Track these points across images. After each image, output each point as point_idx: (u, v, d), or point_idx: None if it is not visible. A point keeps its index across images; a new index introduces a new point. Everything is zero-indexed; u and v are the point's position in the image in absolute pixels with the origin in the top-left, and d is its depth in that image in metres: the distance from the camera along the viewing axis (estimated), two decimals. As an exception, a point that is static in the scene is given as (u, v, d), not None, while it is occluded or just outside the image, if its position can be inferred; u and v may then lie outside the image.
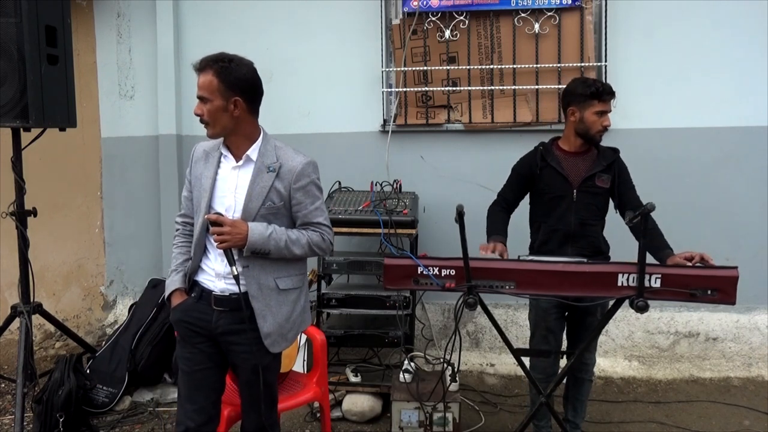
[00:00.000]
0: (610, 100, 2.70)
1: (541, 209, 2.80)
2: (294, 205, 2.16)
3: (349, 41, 4.20)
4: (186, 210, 2.28)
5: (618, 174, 2.77)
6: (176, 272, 2.25)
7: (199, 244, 2.19)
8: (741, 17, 3.89)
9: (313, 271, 3.14)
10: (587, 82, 2.72)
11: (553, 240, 2.74)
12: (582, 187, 2.71)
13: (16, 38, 2.94)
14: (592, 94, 2.66)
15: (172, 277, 2.25)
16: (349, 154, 4.20)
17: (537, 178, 2.77)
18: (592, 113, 2.68)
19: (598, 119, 2.69)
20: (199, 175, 2.20)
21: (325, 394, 2.93)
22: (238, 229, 2.05)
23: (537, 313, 2.84)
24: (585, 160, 2.76)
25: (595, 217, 2.75)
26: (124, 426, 3.39)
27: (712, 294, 2.18)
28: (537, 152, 2.81)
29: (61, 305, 4.66)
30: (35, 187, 3.53)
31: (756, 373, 3.88)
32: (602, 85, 2.70)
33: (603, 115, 2.69)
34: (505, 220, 2.86)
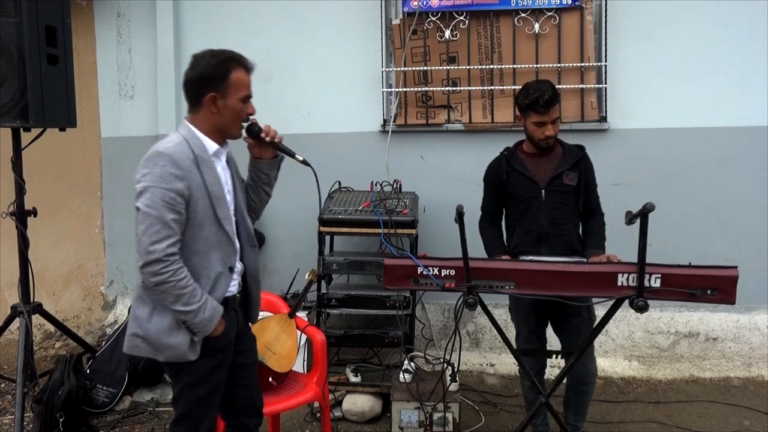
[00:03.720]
0: (547, 112, 2.63)
1: (513, 212, 2.82)
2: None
3: (349, 41, 4.20)
4: (180, 236, 1.93)
5: (584, 172, 2.77)
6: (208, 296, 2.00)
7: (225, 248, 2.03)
8: (741, 17, 3.89)
9: (313, 271, 3.13)
10: (528, 91, 2.66)
11: (527, 241, 2.75)
12: (550, 187, 2.72)
13: (16, 38, 2.94)
14: (527, 106, 2.66)
15: (212, 301, 1.98)
16: (349, 154, 4.20)
17: (505, 183, 2.79)
18: (531, 123, 2.69)
19: (537, 129, 2.68)
20: (198, 185, 1.96)
21: (325, 394, 2.93)
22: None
23: (518, 315, 2.86)
24: (550, 160, 2.76)
25: (566, 216, 2.75)
26: (124, 426, 3.39)
27: (712, 294, 2.17)
28: (502, 157, 2.84)
29: (61, 305, 4.66)
30: (35, 187, 3.53)
31: (756, 373, 3.88)
32: (540, 96, 2.60)
33: (542, 125, 2.66)
34: (497, 234, 2.89)
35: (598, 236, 2.77)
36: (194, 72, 1.99)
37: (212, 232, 1.99)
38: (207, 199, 1.96)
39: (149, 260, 1.86)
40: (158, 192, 1.87)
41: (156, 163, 1.89)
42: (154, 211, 1.86)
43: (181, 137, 1.98)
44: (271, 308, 3.01)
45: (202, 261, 1.97)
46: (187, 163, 1.93)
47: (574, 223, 2.79)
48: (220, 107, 2.00)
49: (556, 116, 2.69)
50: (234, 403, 2.22)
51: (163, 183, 1.87)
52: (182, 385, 2.04)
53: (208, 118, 2.01)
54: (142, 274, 1.90)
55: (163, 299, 1.91)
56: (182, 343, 1.94)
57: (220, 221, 2.00)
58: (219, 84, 1.98)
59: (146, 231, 1.87)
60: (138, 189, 1.90)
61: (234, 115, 2.03)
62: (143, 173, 1.90)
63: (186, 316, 1.91)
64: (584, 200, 2.78)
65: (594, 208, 2.82)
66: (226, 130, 2.05)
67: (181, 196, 1.90)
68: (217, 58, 2.00)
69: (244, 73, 2.03)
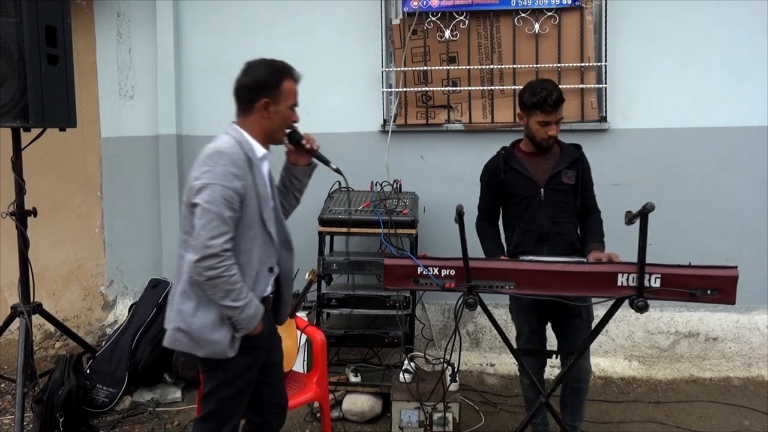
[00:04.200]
0: (554, 112, 2.63)
1: (512, 212, 2.82)
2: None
3: (349, 41, 4.20)
4: (233, 233, 2.00)
5: (582, 171, 2.77)
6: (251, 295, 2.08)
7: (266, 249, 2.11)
8: (741, 17, 3.89)
9: (313, 271, 3.14)
10: (535, 90, 2.65)
11: (528, 241, 2.74)
12: (549, 186, 2.72)
13: (16, 38, 2.94)
14: (533, 105, 2.65)
15: (255, 299, 2.06)
16: (349, 154, 4.19)
17: (503, 183, 2.78)
18: (535, 122, 2.68)
19: (541, 128, 2.68)
20: (251, 186, 2.04)
21: (325, 394, 2.93)
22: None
23: (519, 315, 2.86)
24: (548, 159, 2.76)
25: (565, 215, 2.75)
26: (124, 426, 3.39)
27: (712, 294, 2.17)
28: (499, 157, 2.83)
29: (61, 305, 4.66)
30: (35, 187, 3.53)
31: (756, 373, 3.88)
32: (549, 96, 2.61)
33: (546, 125, 2.66)
34: (495, 235, 2.89)
35: (597, 233, 2.77)
36: (249, 78, 2.10)
37: (258, 232, 2.07)
38: (256, 200, 2.05)
39: (207, 254, 1.92)
40: (219, 189, 1.94)
41: (217, 162, 1.97)
42: (215, 207, 1.93)
43: (233, 139, 2.05)
44: (271, 308, 3.00)
45: (247, 260, 2.04)
46: (243, 164, 2.02)
47: (573, 221, 2.79)
48: (272, 113, 2.10)
49: (561, 116, 2.68)
50: (261, 401, 2.29)
51: (223, 181, 1.95)
52: (217, 381, 2.10)
53: (259, 122, 2.11)
54: (196, 268, 1.94)
55: (213, 294, 1.97)
56: (224, 340, 2.01)
57: (264, 222, 2.08)
58: (272, 91, 2.09)
59: (205, 226, 1.92)
60: (197, 186, 1.96)
61: (282, 121, 2.14)
62: (203, 170, 1.97)
63: (233, 311, 1.98)
64: (582, 199, 2.79)
65: (591, 206, 2.83)
66: (273, 135, 2.15)
67: (238, 195, 1.98)
68: (272, 67, 2.13)
69: (293, 83, 2.16)
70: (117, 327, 3.97)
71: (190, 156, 4.44)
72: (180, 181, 4.38)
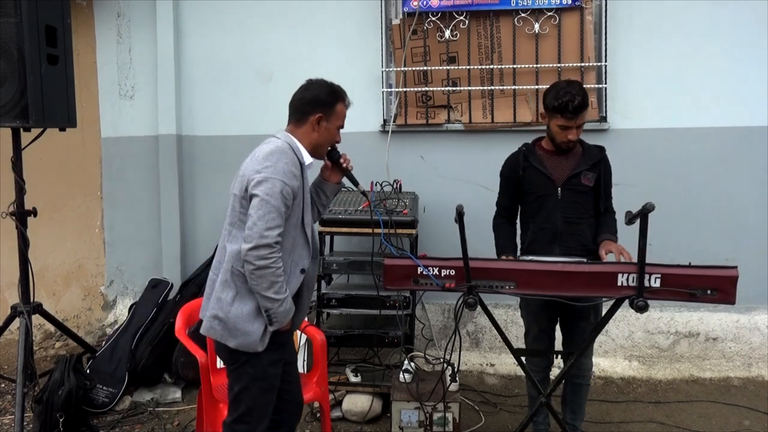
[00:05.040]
0: (575, 117, 2.59)
1: (528, 209, 2.80)
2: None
3: (349, 41, 4.20)
4: (283, 228, 2.10)
5: (603, 173, 2.76)
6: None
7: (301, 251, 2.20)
8: (741, 17, 3.89)
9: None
10: (559, 94, 2.61)
11: (541, 239, 2.73)
12: (567, 186, 2.70)
13: (16, 38, 2.94)
14: (554, 108, 2.62)
15: (290, 298, 2.14)
16: (349, 154, 4.14)
17: (521, 179, 2.77)
18: (556, 125, 2.66)
19: (561, 132, 2.65)
20: (300, 189, 2.16)
21: (325, 394, 2.93)
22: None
23: (528, 314, 2.86)
24: (569, 159, 2.74)
25: (581, 216, 2.73)
26: (124, 426, 3.39)
27: (712, 294, 2.17)
28: (520, 153, 2.81)
29: (61, 305, 4.66)
30: (35, 187, 3.53)
31: (756, 373, 3.88)
32: (570, 102, 2.55)
33: (566, 129, 2.63)
34: (510, 232, 2.86)
35: (610, 227, 2.75)
36: (309, 93, 2.27)
37: (298, 233, 2.17)
38: (302, 202, 2.16)
39: (261, 243, 1.99)
40: (279, 184, 2.04)
41: (280, 159, 2.08)
42: (274, 200, 2.02)
43: (287, 144, 2.16)
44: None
45: (286, 257, 2.12)
46: (298, 167, 2.14)
47: (588, 223, 2.77)
48: (322, 128, 2.26)
49: (582, 122, 2.63)
50: (280, 400, 2.32)
51: (284, 177, 2.05)
52: (248, 379, 2.15)
53: (309, 134, 2.25)
54: (247, 256, 2.00)
55: (258, 284, 2.03)
56: (256, 332, 2.08)
57: (305, 225, 2.19)
58: (327, 109, 2.26)
59: (263, 217, 2.00)
60: (258, 179, 2.04)
61: (329, 137, 2.30)
62: (265, 165, 2.06)
63: (273, 303, 2.05)
64: (603, 201, 2.77)
65: (608, 207, 2.82)
66: (318, 148, 2.28)
67: (293, 193, 2.10)
68: (331, 88, 2.31)
69: (344, 108, 2.35)
70: (117, 327, 3.97)
71: (190, 156, 4.44)
72: (179, 181, 4.38)
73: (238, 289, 2.09)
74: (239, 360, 2.14)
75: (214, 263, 2.22)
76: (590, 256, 2.70)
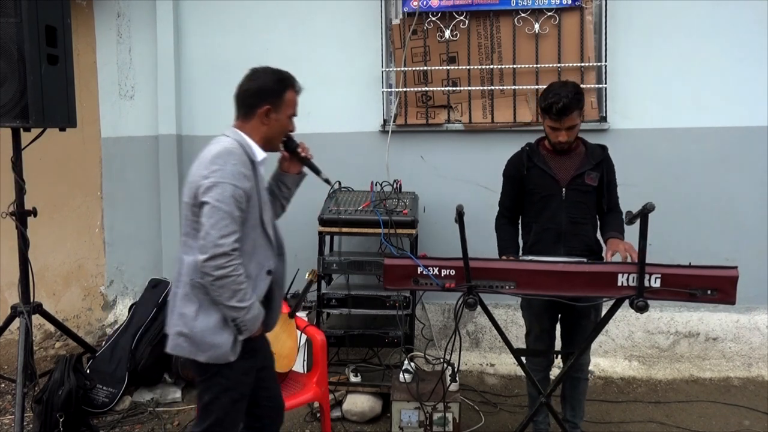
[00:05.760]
0: (560, 119, 2.57)
1: (531, 210, 2.79)
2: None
3: (349, 41, 4.20)
4: (240, 233, 1.98)
5: (606, 172, 2.76)
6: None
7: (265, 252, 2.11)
8: (741, 17, 3.89)
9: (313, 271, 3.14)
10: (548, 95, 2.60)
11: (545, 240, 2.73)
12: (571, 186, 2.70)
13: (16, 38, 2.94)
14: (543, 109, 2.63)
15: (256, 300, 2.05)
16: (349, 154, 4.20)
17: (525, 179, 2.76)
18: (546, 125, 2.67)
19: (552, 132, 2.65)
20: (255, 188, 2.05)
21: (325, 394, 2.93)
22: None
23: (530, 314, 2.85)
24: (572, 159, 2.74)
25: (585, 216, 2.73)
26: (124, 426, 3.39)
27: (712, 294, 2.18)
28: (523, 152, 2.80)
29: (61, 305, 4.66)
30: (35, 187, 3.53)
31: (756, 373, 3.88)
32: (555, 104, 2.54)
33: (556, 130, 2.62)
34: (512, 233, 2.85)
35: (617, 225, 2.73)
36: (254, 84, 2.11)
37: (258, 234, 2.07)
38: (258, 202, 2.05)
39: (217, 253, 1.89)
40: (229, 188, 1.93)
41: (227, 161, 1.96)
42: (225, 206, 1.91)
43: (236, 142, 2.04)
44: (271, 308, 3.00)
45: (248, 261, 2.02)
46: (249, 166, 2.03)
47: (592, 223, 2.78)
48: (272, 120, 2.11)
49: (571, 124, 2.60)
50: (258, 406, 2.26)
51: (234, 180, 1.94)
52: (218, 389, 2.05)
53: (258, 128, 2.11)
54: (204, 267, 1.91)
55: (220, 295, 1.94)
56: (226, 343, 1.98)
57: (264, 225, 2.09)
58: (275, 99, 2.10)
59: (215, 225, 1.90)
60: (207, 184, 1.93)
61: (281, 129, 2.16)
62: (213, 169, 1.94)
63: (239, 312, 1.96)
64: (606, 200, 2.76)
65: (613, 207, 2.81)
66: (270, 142, 2.15)
67: (246, 195, 1.98)
68: (277, 76, 2.13)
69: (295, 94, 2.18)
70: (117, 327, 3.97)
71: (190, 156, 4.43)
72: (180, 181, 4.38)
73: (200, 302, 1.99)
74: (210, 371, 2.04)
75: (174, 275, 2.10)
76: (593, 257, 2.70)
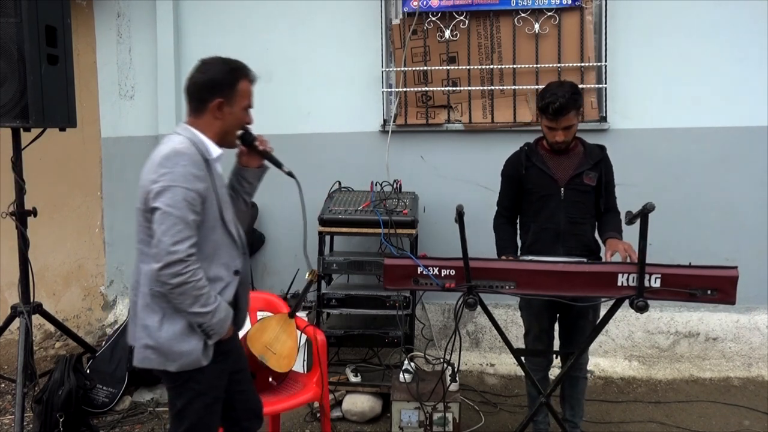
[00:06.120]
0: (556, 119, 2.57)
1: (529, 209, 2.79)
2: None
3: (349, 41, 4.20)
4: (196, 237, 1.89)
5: (604, 172, 2.76)
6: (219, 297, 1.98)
7: (229, 251, 2.03)
8: (741, 17, 3.89)
9: (313, 271, 3.13)
10: (545, 94, 2.60)
11: (544, 240, 2.73)
12: (570, 185, 2.70)
13: (16, 38, 2.94)
14: (539, 108, 2.63)
15: (223, 302, 1.97)
16: (349, 154, 4.20)
17: (523, 179, 2.76)
18: (544, 125, 2.67)
19: (549, 132, 2.65)
20: (211, 188, 1.95)
21: (325, 394, 2.93)
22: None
23: (529, 314, 2.85)
24: (571, 158, 2.74)
25: (584, 216, 2.74)
26: (124, 426, 3.39)
27: (712, 294, 2.18)
28: (522, 152, 2.80)
29: (61, 305, 4.66)
30: (35, 187, 3.53)
31: (756, 373, 3.88)
32: (551, 103, 2.54)
33: (552, 130, 2.62)
34: (511, 232, 2.85)
35: (615, 225, 2.74)
36: (204, 76, 2.00)
37: (219, 234, 1.98)
38: (216, 202, 1.96)
39: (171, 261, 1.80)
40: (180, 192, 1.83)
41: (177, 163, 1.86)
42: (177, 211, 1.82)
43: (187, 140, 1.95)
44: (271, 308, 3.01)
45: (209, 265, 1.95)
46: (202, 165, 1.92)
47: (590, 223, 2.78)
48: (225, 113, 2.00)
49: (568, 124, 2.60)
50: (234, 409, 2.20)
51: (185, 183, 1.84)
52: (190, 395, 1.98)
53: (211, 123, 2.00)
54: (160, 276, 1.82)
55: (181, 302, 1.86)
56: (196, 349, 1.91)
57: (226, 224, 2.00)
58: (227, 91, 1.99)
59: (167, 231, 1.81)
60: (156, 189, 1.84)
61: (236, 123, 2.05)
62: (162, 172, 1.85)
63: (204, 318, 1.88)
64: (604, 200, 2.77)
65: (611, 207, 2.82)
66: (225, 137, 2.04)
67: (200, 197, 1.88)
68: (228, 66, 2.02)
69: (249, 84, 2.06)
70: (117, 327, 3.97)
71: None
72: (180, 181, 4.38)
73: (163, 311, 1.90)
74: (182, 378, 1.95)
75: (132, 283, 2.02)
76: (592, 256, 2.70)
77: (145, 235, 1.91)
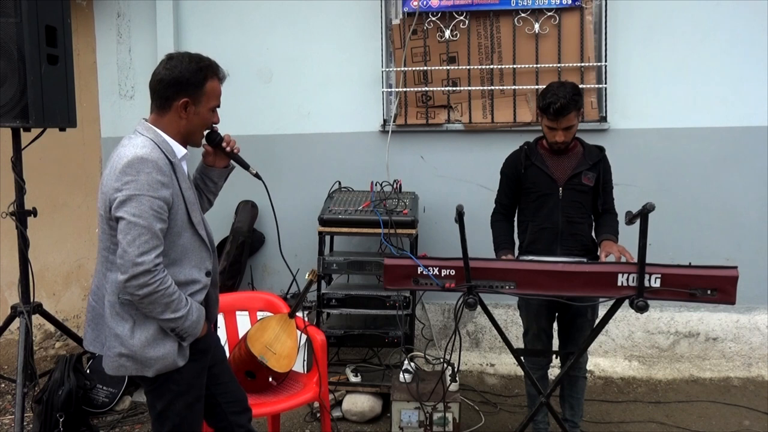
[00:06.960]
0: (557, 120, 2.58)
1: (528, 208, 2.81)
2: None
3: (349, 41, 4.20)
4: (162, 246, 1.84)
5: (603, 173, 2.77)
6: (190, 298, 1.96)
7: (199, 253, 1.98)
8: (741, 17, 3.89)
9: (313, 271, 3.13)
10: (546, 95, 2.61)
11: (542, 239, 2.74)
12: (568, 185, 2.71)
13: (16, 38, 2.93)
14: (540, 108, 2.64)
15: (194, 302, 1.93)
16: (349, 154, 4.20)
17: (522, 177, 2.77)
18: (544, 125, 2.68)
19: (549, 132, 2.67)
20: (177, 192, 1.89)
21: (325, 394, 2.93)
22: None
23: (528, 313, 2.86)
24: (570, 158, 2.75)
25: (582, 215, 2.75)
26: (124, 426, 3.39)
27: (712, 294, 2.17)
28: (521, 151, 2.81)
29: (61, 305, 4.66)
30: (35, 187, 3.53)
31: (756, 373, 3.88)
32: (552, 104, 2.56)
33: (553, 130, 2.63)
34: (508, 229, 2.87)
35: (611, 227, 2.76)
36: (170, 74, 1.92)
37: (188, 237, 1.93)
38: (183, 205, 1.91)
39: (137, 272, 1.75)
40: (146, 200, 1.77)
41: (141, 170, 1.79)
42: (143, 221, 1.76)
43: (150, 141, 1.88)
44: (271, 308, 3.00)
45: (179, 269, 1.91)
46: (168, 169, 1.86)
47: (588, 223, 2.79)
48: (191, 113, 1.95)
49: (569, 124, 2.61)
50: (218, 405, 2.18)
51: (150, 191, 1.78)
52: (170, 396, 1.95)
53: (176, 122, 1.95)
54: (127, 288, 1.77)
55: (151, 311, 1.82)
56: (171, 352, 1.88)
57: (194, 226, 1.95)
58: (194, 90, 1.93)
59: (133, 242, 1.75)
60: (120, 198, 1.77)
61: (201, 123, 1.99)
62: (125, 180, 1.78)
63: (176, 323, 1.85)
64: (602, 201, 2.78)
65: (608, 208, 2.83)
66: (189, 136, 1.99)
67: (167, 204, 1.83)
68: (197, 65, 1.94)
69: (218, 83, 2.00)
70: (117, 327, 3.97)
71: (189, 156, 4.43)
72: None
73: (133, 318, 1.86)
74: (159, 380, 1.92)
75: (93, 288, 1.97)
76: (590, 256, 2.70)
77: (110, 242, 1.86)
